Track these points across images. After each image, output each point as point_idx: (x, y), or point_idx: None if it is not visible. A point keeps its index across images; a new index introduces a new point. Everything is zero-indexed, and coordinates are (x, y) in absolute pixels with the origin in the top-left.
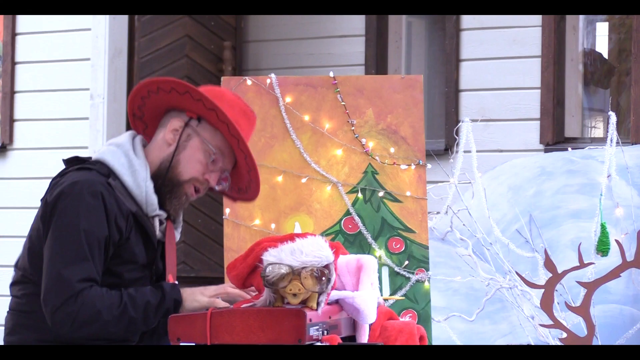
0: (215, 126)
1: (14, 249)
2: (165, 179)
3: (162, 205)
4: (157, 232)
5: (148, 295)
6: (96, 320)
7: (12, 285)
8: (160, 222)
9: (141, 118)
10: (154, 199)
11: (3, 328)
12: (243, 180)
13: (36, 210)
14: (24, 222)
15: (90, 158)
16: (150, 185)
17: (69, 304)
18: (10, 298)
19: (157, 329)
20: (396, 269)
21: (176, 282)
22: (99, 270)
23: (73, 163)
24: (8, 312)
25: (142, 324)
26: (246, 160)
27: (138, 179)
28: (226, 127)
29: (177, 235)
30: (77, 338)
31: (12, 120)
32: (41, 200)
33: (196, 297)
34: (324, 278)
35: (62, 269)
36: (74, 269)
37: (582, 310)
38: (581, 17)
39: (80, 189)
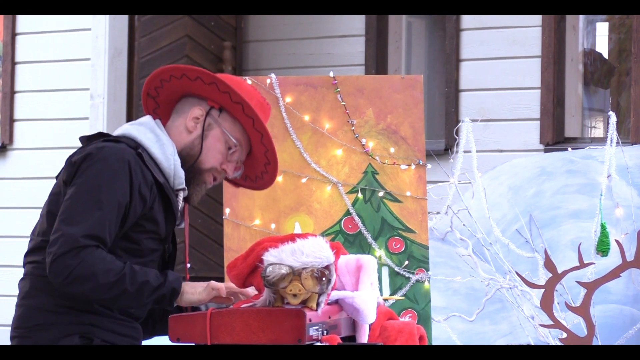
0: (240, 119)
1: (14, 249)
2: (190, 166)
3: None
4: (180, 206)
5: (150, 275)
6: (90, 280)
7: (29, 252)
8: (182, 198)
9: (155, 98)
10: (181, 172)
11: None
12: (255, 170)
13: (36, 210)
14: (24, 222)
15: (110, 134)
16: (178, 160)
17: (69, 256)
18: (25, 267)
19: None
20: (396, 269)
21: (186, 277)
22: (111, 232)
23: (97, 136)
24: (23, 278)
25: (134, 300)
26: (266, 154)
27: (167, 153)
28: (251, 121)
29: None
30: (72, 293)
31: (12, 120)
32: (66, 161)
33: (196, 287)
34: (324, 279)
35: (71, 222)
36: (83, 225)
37: (582, 310)
38: (581, 17)
39: (108, 152)
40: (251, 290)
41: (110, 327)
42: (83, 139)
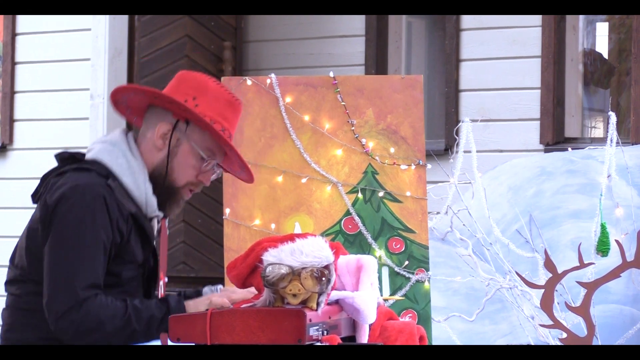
0: (208, 129)
1: None
2: (162, 187)
3: (160, 208)
4: (155, 231)
5: (153, 309)
6: (99, 330)
7: (9, 283)
8: (157, 221)
9: (124, 104)
10: (153, 201)
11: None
12: (234, 166)
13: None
14: (24, 222)
15: (83, 155)
16: (149, 187)
17: (73, 312)
18: (6, 295)
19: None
20: (396, 269)
21: (173, 293)
22: (102, 274)
23: (67, 161)
24: (5, 309)
25: (144, 337)
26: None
27: (138, 181)
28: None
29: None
30: (84, 344)
31: (12, 121)
32: (36, 198)
33: (198, 306)
34: (324, 278)
35: (66, 275)
36: (77, 276)
37: (582, 310)
38: (581, 17)
39: (83, 192)
40: (252, 293)
41: None
42: (57, 158)
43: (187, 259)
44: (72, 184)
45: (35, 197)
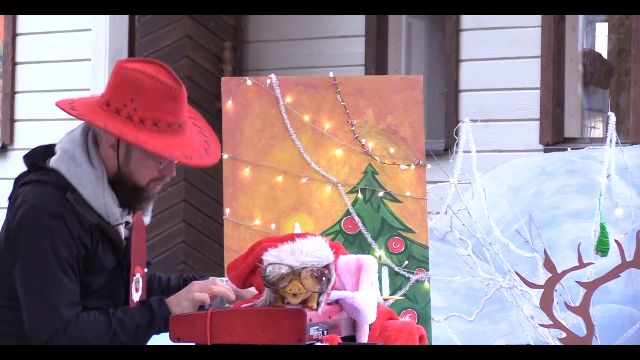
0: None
1: None
2: (126, 189)
3: (131, 208)
4: (123, 235)
5: (137, 317)
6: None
7: None
8: (126, 223)
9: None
10: (114, 209)
11: None
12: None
13: None
14: None
15: (53, 146)
16: (108, 196)
17: (58, 336)
18: None
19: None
20: (396, 269)
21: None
22: (76, 290)
23: (32, 165)
24: None
25: (133, 345)
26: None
27: (96, 192)
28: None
29: (147, 219)
30: None
31: (12, 121)
32: (5, 218)
33: (181, 302)
34: (323, 278)
35: (43, 301)
36: (54, 299)
37: (582, 310)
38: (581, 17)
39: (40, 214)
40: (227, 288)
41: None
42: (25, 159)
43: (187, 258)
44: (30, 205)
45: (10, 200)
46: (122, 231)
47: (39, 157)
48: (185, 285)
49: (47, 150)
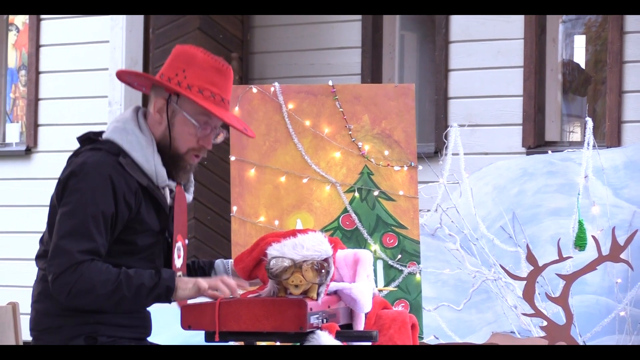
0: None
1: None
2: (168, 156)
3: (170, 176)
4: (168, 200)
5: (144, 278)
6: (90, 292)
7: (38, 258)
8: (171, 191)
9: (134, 84)
10: (162, 171)
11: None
12: (238, 122)
13: None
14: None
15: (102, 133)
16: (158, 159)
17: (68, 273)
18: (37, 270)
19: None
20: (390, 262)
21: (177, 273)
22: (104, 244)
23: (86, 142)
24: (36, 280)
25: (133, 303)
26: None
27: (147, 155)
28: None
29: (190, 197)
30: (76, 306)
31: (36, 125)
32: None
33: (188, 284)
34: (323, 270)
35: (65, 240)
36: (76, 241)
37: (561, 300)
38: (560, 30)
39: (88, 169)
40: (226, 284)
41: (117, 322)
42: (78, 139)
43: (198, 253)
44: (81, 161)
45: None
46: (168, 195)
47: (91, 136)
48: (211, 268)
49: (98, 134)
